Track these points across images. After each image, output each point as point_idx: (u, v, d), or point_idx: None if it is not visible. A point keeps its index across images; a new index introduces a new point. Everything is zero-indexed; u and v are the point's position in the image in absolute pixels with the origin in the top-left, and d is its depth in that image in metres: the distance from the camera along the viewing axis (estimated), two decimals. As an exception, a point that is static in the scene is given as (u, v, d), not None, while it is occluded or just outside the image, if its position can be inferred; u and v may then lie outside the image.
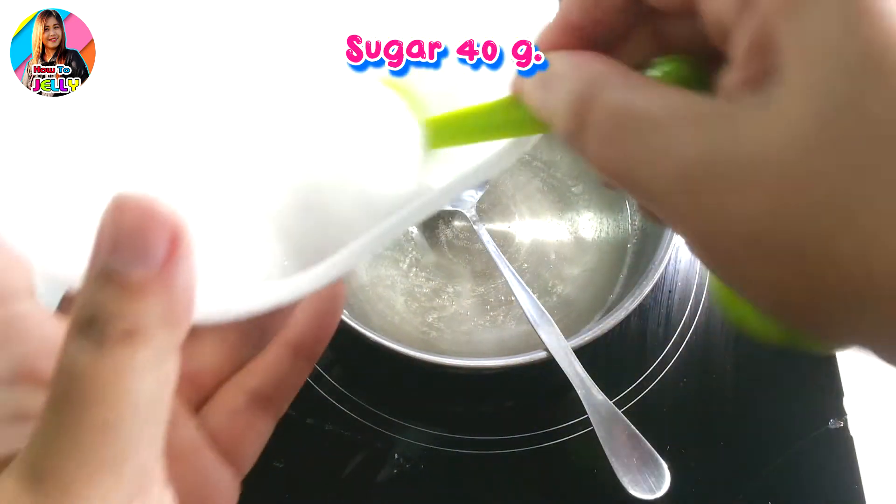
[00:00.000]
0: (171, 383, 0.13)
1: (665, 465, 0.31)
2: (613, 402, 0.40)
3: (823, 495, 0.39)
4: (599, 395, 0.32)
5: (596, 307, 0.40)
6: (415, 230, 0.43)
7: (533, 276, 0.41)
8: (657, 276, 0.34)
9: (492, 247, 0.38)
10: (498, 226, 0.43)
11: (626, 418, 0.32)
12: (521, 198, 0.44)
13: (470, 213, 0.40)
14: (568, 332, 0.34)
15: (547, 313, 0.34)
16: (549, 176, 0.45)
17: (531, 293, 0.35)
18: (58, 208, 0.17)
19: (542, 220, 0.43)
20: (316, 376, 0.41)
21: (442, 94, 0.19)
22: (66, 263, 0.15)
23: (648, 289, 0.34)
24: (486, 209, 0.43)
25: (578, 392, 0.32)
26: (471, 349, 0.40)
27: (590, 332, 0.33)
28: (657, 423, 0.41)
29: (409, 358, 0.33)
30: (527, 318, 0.34)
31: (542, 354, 0.33)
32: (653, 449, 0.32)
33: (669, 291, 0.44)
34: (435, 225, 0.43)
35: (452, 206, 0.41)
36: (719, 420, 0.41)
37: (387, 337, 0.33)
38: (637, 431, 0.32)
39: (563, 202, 0.44)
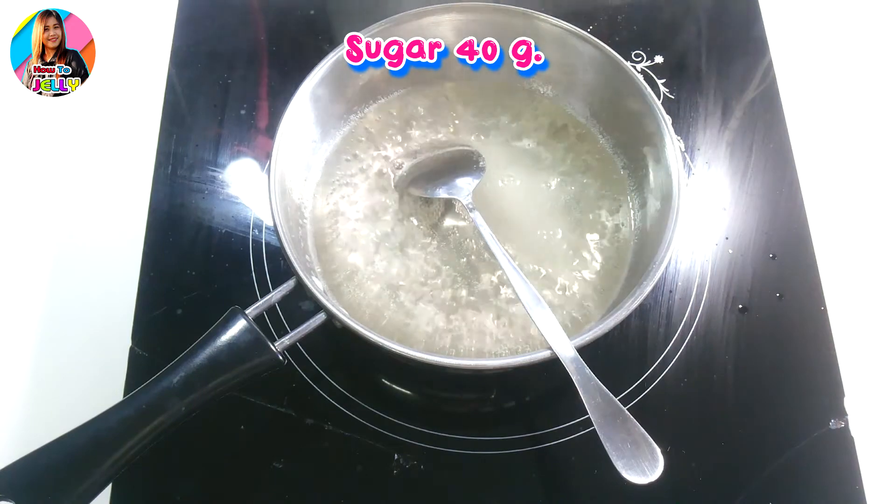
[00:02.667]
0: None
1: (658, 450, 0.32)
2: (614, 403, 0.40)
3: (824, 496, 0.39)
4: (593, 380, 0.32)
5: (597, 307, 0.40)
6: (415, 220, 0.43)
7: (533, 275, 0.41)
8: (658, 276, 0.34)
9: (486, 231, 0.37)
10: (497, 225, 0.43)
11: (619, 403, 0.32)
12: (522, 198, 0.44)
13: (466, 200, 0.40)
14: (568, 333, 0.33)
15: (535, 292, 0.34)
16: (550, 176, 0.44)
17: (524, 276, 0.35)
18: None
19: (542, 221, 0.43)
20: (316, 377, 0.41)
21: None
22: None
23: (649, 289, 0.34)
24: (486, 209, 0.43)
25: (570, 372, 0.32)
26: (470, 349, 0.39)
27: (590, 332, 0.33)
28: (658, 423, 0.41)
29: (409, 358, 0.33)
30: (518, 299, 0.34)
31: (542, 354, 0.32)
32: (646, 433, 0.32)
33: (670, 292, 0.44)
34: (437, 223, 0.43)
35: (449, 194, 0.41)
36: (720, 420, 0.41)
37: (387, 338, 0.33)
38: (631, 416, 0.32)
39: (564, 203, 0.43)
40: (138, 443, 0.30)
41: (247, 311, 0.33)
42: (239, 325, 0.32)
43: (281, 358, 0.33)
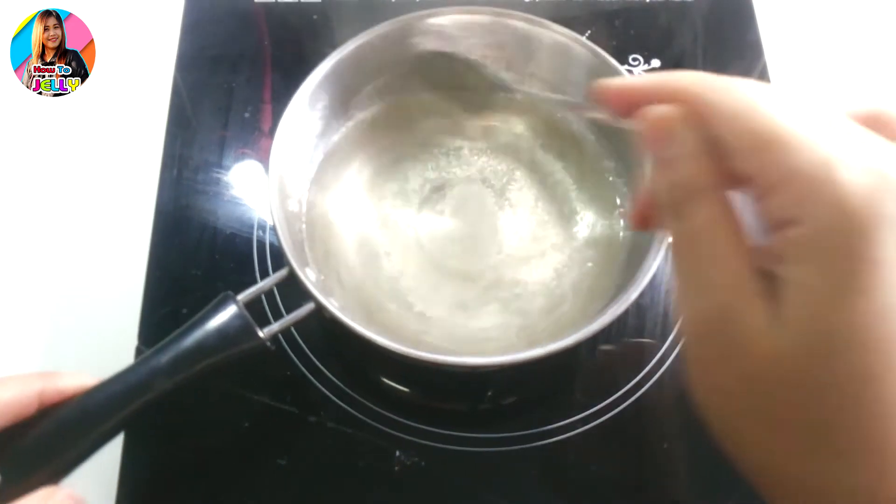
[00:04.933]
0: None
1: None
2: (610, 402, 0.41)
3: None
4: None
5: (593, 305, 0.40)
6: (419, 217, 0.43)
7: (528, 273, 0.42)
8: (651, 273, 0.35)
9: None
10: (484, 228, 0.44)
11: None
12: (515, 196, 0.45)
13: None
14: (564, 330, 0.34)
15: None
16: (543, 175, 0.45)
17: None
18: None
19: (535, 219, 0.44)
20: (318, 374, 0.42)
21: None
22: None
23: (644, 284, 0.34)
24: (472, 212, 0.44)
25: None
26: (468, 346, 0.40)
27: (587, 330, 0.33)
28: (654, 421, 0.41)
29: (410, 357, 0.33)
30: None
31: (543, 351, 0.33)
32: None
33: (667, 291, 0.45)
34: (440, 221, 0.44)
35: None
36: (716, 418, 0.42)
37: (389, 337, 0.33)
38: None
39: (556, 200, 0.44)
40: (126, 416, 0.31)
41: (238, 297, 0.34)
42: (230, 311, 0.33)
43: (269, 344, 0.33)
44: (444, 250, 0.43)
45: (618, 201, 0.43)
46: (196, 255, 0.45)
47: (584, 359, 0.43)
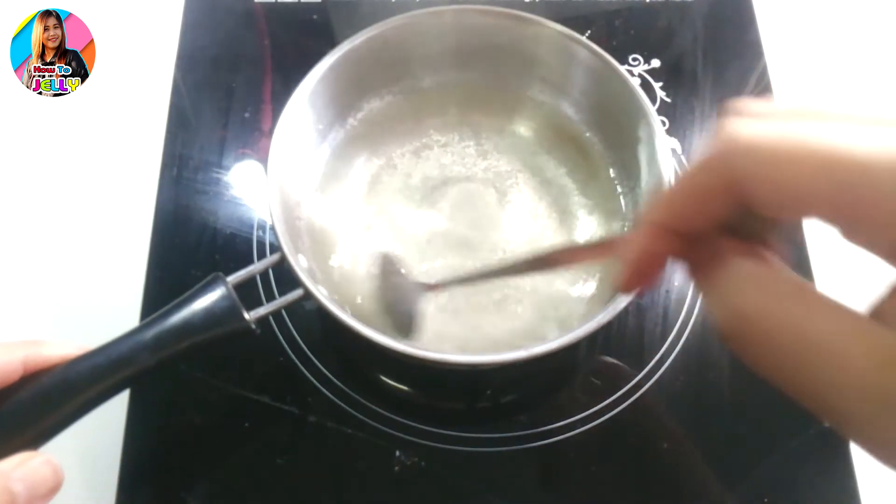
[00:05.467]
0: None
1: None
2: (611, 401, 0.41)
3: (819, 494, 0.40)
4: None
5: (593, 305, 0.40)
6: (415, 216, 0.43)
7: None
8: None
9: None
10: (484, 229, 0.44)
11: None
12: (516, 198, 0.45)
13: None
14: (563, 329, 0.34)
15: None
16: (543, 179, 0.45)
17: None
18: None
19: (535, 220, 0.44)
20: (318, 375, 0.42)
21: None
22: None
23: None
24: (472, 212, 0.44)
25: None
26: (464, 344, 0.40)
27: (585, 328, 0.33)
28: (654, 421, 0.41)
29: (409, 356, 0.33)
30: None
31: (541, 349, 0.33)
32: None
33: (667, 291, 0.45)
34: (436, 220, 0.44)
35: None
36: (715, 418, 0.42)
37: (388, 337, 0.33)
38: None
39: (558, 204, 0.44)
40: (107, 388, 0.31)
41: (228, 279, 0.34)
42: (218, 292, 0.33)
43: (254, 327, 0.33)
44: (443, 248, 0.43)
45: (623, 208, 0.43)
46: (196, 255, 0.45)
47: (584, 359, 0.43)
